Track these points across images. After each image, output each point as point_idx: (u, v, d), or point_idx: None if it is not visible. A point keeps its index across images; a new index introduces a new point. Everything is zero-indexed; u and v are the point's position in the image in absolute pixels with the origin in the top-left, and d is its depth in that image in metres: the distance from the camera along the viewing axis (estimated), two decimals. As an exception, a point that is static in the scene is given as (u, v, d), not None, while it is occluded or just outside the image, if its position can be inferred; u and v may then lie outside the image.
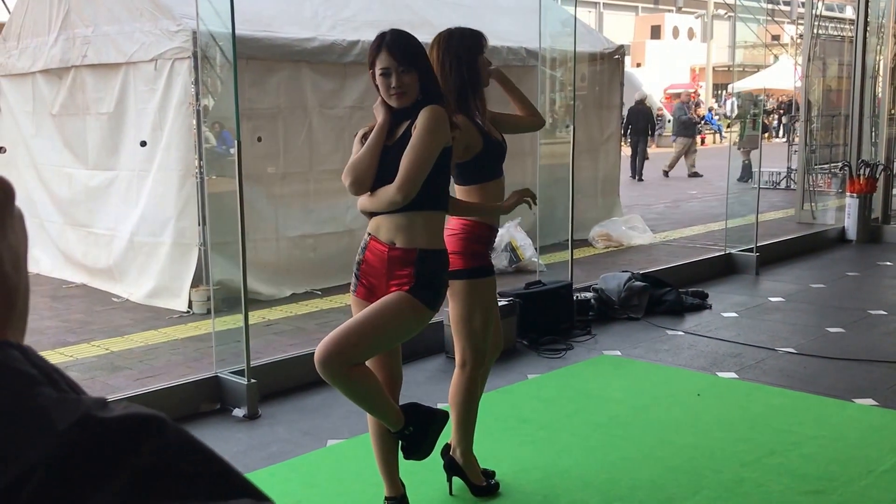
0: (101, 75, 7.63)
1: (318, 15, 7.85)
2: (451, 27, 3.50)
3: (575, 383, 5.30)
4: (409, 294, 2.97)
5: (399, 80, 2.98)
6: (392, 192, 2.95)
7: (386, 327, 2.98)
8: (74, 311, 7.15)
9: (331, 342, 2.89)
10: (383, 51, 2.99)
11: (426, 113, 2.97)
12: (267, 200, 7.41)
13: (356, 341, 2.93)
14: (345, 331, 2.92)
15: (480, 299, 3.46)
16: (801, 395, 4.96)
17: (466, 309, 3.48)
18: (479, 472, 3.72)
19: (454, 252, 3.44)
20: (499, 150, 3.51)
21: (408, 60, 2.98)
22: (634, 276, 6.93)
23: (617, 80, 10.43)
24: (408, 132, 3.00)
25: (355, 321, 2.96)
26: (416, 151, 2.94)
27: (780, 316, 6.79)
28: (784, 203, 13.26)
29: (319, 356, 2.89)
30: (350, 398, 3.06)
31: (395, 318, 2.98)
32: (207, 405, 4.78)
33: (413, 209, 2.99)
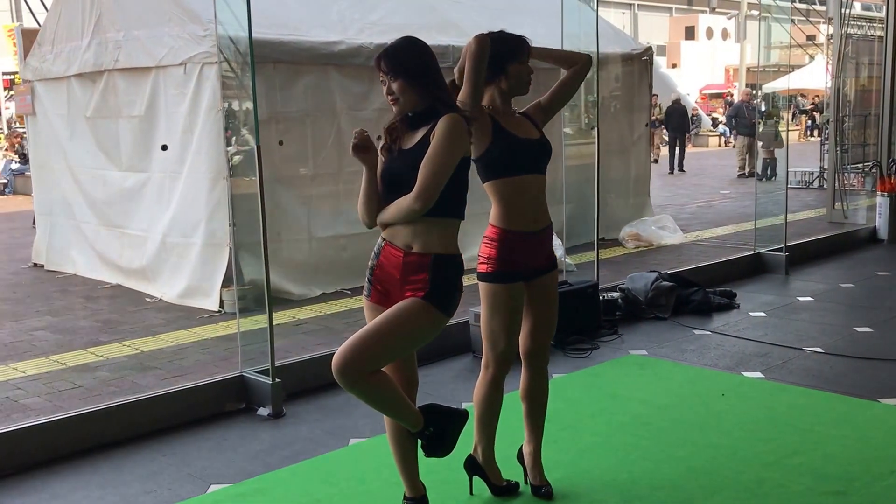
0: (133, 79, 7.76)
1: (346, 18, 7.92)
2: (496, 31, 3.49)
3: (600, 383, 5.30)
4: (424, 300, 2.99)
5: (388, 88, 3.04)
6: (411, 201, 2.97)
7: (401, 334, 2.98)
8: (108, 311, 7.28)
9: (347, 350, 2.91)
10: (376, 61, 3.07)
11: (445, 122, 2.99)
12: (298, 201, 7.50)
13: (372, 349, 2.94)
14: (361, 339, 2.94)
15: (496, 302, 3.47)
16: (827, 395, 4.93)
17: (486, 311, 3.51)
18: (499, 472, 3.73)
19: (485, 257, 3.49)
20: (518, 146, 3.44)
21: (392, 69, 3.01)
22: (662, 276, 6.93)
23: (646, 81, 10.41)
24: (426, 139, 3.01)
25: (371, 329, 2.98)
26: (434, 161, 2.96)
27: (809, 315, 6.74)
28: (816, 202, 13.14)
29: (337, 365, 2.90)
30: (368, 403, 3.08)
31: (411, 325, 2.99)
32: (232, 404, 4.85)
33: (430, 216, 3.01)
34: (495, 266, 3.48)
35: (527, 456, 3.81)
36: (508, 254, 3.46)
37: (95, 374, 5.54)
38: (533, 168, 3.49)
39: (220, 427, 4.64)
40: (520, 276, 3.51)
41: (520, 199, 3.46)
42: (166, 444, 4.43)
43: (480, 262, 3.52)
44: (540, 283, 3.58)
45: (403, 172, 3.02)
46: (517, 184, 3.46)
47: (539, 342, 3.67)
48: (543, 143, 3.54)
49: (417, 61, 3.05)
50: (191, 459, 4.24)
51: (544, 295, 3.61)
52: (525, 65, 3.46)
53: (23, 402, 5.07)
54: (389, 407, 3.08)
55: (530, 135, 3.50)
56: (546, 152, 3.55)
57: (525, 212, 3.47)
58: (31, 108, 9.14)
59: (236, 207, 5.80)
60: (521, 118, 3.56)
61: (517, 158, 3.45)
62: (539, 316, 3.62)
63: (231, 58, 5.88)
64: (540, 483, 3.76)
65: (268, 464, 4.16)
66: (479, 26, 9.40)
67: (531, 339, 3.66)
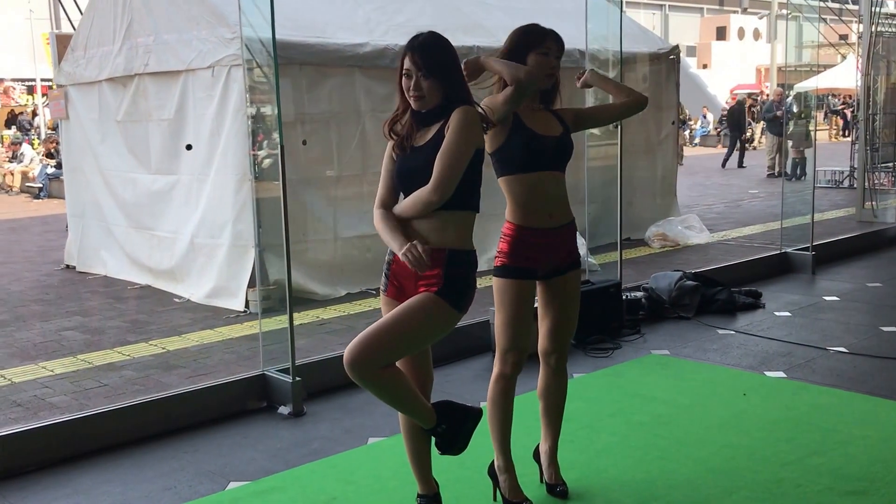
0: (162, 83, 7.87)
1: (371, 21, 7.96)
2: (527, 24, 3.51)
3: (620, 382, 5.30)
4: (436, 296, 2.99)
5: (417, 84, 3.02)
6: (428, 194, 2.98)
7: (413, 329, 2.99)
8: (136, 311, 7.38)
9: (359, 344, 2.91)
10: (409, 53, 3.04)
11: (459, 114, 3.00)
12: (324, 202, 7.56)
13: (384, 343, 2.94)
14: (373, 333, 2.94)
15: (503, 298, 3.45)
16: (850, 395, 4.90)
17: (495, 307, 3.51)
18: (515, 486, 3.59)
19: (498, 251, 3.48)
20: (536, 143, 3.41)
21: (429, 67, 3.01)
22: (686, 276, 6.90)
23: (672, 81, 10.37)
24: (440, 134, 3.03)
25: (383, 323, 2.98)
26: (450, 152, 2.97)
27: (834, 315, 6.69)
28: (845, 202, 13.02)
29: (348, 358, 2.91)
30: (380, 398, 3.09)
31: (423, 320, 2.99)
32: (254, 403, 4.90)
33: (446, 209, 3.02)
34: (505, 261, 3.46)
35: (542, 454, 3.79)
36: (521, 249, 3.43)
37: (121, 373, 5.62)
38: (550, 165, 3.46)
39: (240, 425, 4.69)
40: (533, 275, 3.48)
41: (535, 195, 3.43)
42: (188, 441, 4.49)
43: (496, 257, 3.51)
44: (560, 281, 3.53)
45: (420, 169, 3.03)
46: (532, 180, 3.42)
47: (557, 342, 3.62)
48: (564, 141, 3.50)
49: (451, 61, 3.07)
50: (211, 457, 4.30)
51: (564, 294, 3.55)
52: (546, 57, 3.44)
53: (50, 400, 5.15)
54: (400, 402, 3.10)
55: (551, 132, 3.47)
56: (566, 150, 3.51)
57: (540, 208, 3.43)
58: (64, 112, 9.29)
59: (262, 209, 5.85)
60: (547, 114, 3.54)
61: (534, 155, 3.41)
62: (558, 315, 3.58)
63: (258, 60, 5.94)
64: (555, 482, 3.74)
65: (287, 461, 4.21)
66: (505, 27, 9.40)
67: (549, 339, 3.62)
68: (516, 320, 3.46)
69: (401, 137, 3.12)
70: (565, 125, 3.55)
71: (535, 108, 3.50)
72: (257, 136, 6.79)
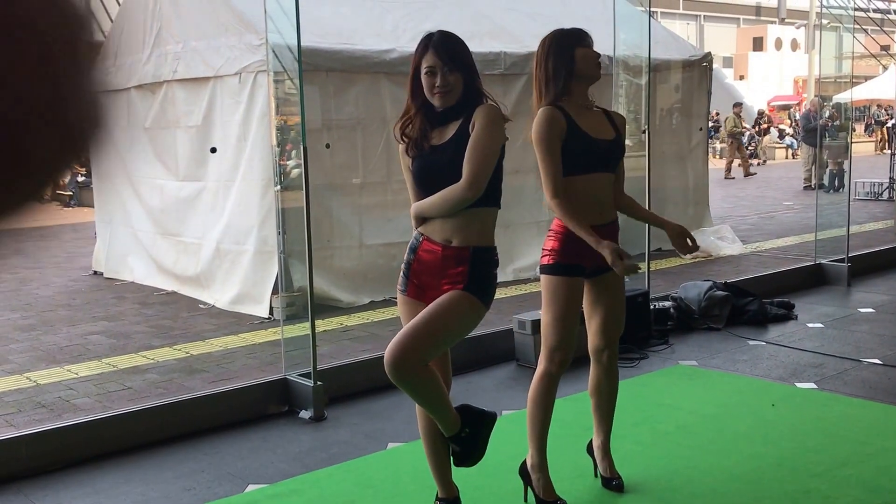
0: (191, 89, 7.90)
1: (399, 27, 7.95)
2: (557, 28, 3.52)
3: (645, 392, 5.20)
4: (466, 292, 3.00)
5: (444, 80, 3.00)
6: (462, 191, 2.96)
7: (449, 325, 3.00)
8: (162, 316, 7.40)
9: (399, 344, 2.91)
10: (430, 51, 3.03)
11: (485, 110, 3.01)
12: (349, 209, 7.54)
13: (424, 341, 2.95)
14: (411, 332, 2.94)
15: (553, 295, 3.43)
16: (883, 407, 4.77)
17: (543, 304, 3.49)
18: (549, 485, 3.59)
19: (548, 249, 3.47)
20: (590, 146, 3.41)
21: (453, 60, 3.02)
22: (716, 286, 6.78)
23: (704, 88, 10.25)
24: (462, 132, 3.01)
25: (419, 322, 2.97)
26: (482, 148, 2.96)
27: (869, 327, 6.54)
28: (884, 214, 12.80)
29: (389, 358, 2.90)
30: (417, 399, 3.07)
31: (457, 317, 3.00)
32: (275, 407, 4.87)
33: (471, 206, 3.01)
34: (556, 258, 3.45)
35: (596, 449, 3.81)
36: (571, 246, 3.42)
37: (145, 377, 5.62)
38: (604, 167, 3.48)
39: (261, 429, 4.67)
40: (581, 272, 3.47)
41: (587, 194, 3.43)
42: (209, 443, 4.47)
43: (543, 255, 3.51)
44: (605, 279, 3.53)
45: (443, 167, 3.01)
46: (586, 181, 3.43)
47: (607, 339, 3.65)
48: (618, 144, 3.53)
49: (469, 54, 3.10)
50: (231, 459, 4.27)
51: (611, 290, 3.58)
52: (591, 49, 3.44)
53: (74, 402, 5.16)
54: (436, 403, 3.06)
55: (605, 135, 3.47)
56: (619, 153, 3.56)
57: (591, 206, 3.43)
58: (94, 119, 9.35)
59: (286, 215, 5.84)
60: (600, 114, 3.54)
61: (590, 158, 3.43)
62: (606, 313, 3.60)
63: (284, 66, 5.95)
64: (611, 475, 3.77)
65: (306, 465, 4.17)
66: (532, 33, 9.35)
67: (599, 336, 3.65)
68: (566, 318, 3.46)
69: (414, 139, 3.10)
70: (617, 128, 3.55)
71: (588, 106, 3.49)
72: (286, 146, 6.80)
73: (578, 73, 3.41)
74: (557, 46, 3.41)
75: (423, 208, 3.08)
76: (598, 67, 3.48)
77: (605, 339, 3.64)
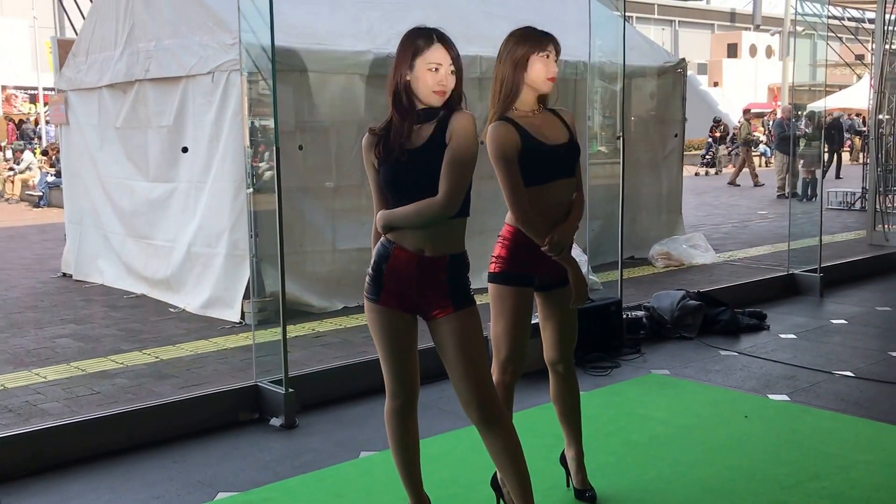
0: (163, 89, 7.80)
1: (374, 28, 7.89)
2: (523, 27, 3.44)
3: (618, 402, 5.19)
4: (463, 311, 3.01)
5: (447, 80, 2.93)
6: (441, 207, 2.91)
7: (481, 349, 3.06)
8: (131, 320, 7.30)
9: (481, 394, 3.01)
10: (438, 45, 2.93)
11: (464, 121, 2.93)
12: (322, 213, 7.46)
13: (487, 378, 3.06)
14: (478, 377, 3.01)
15: (501, 305, 3.39)
16: (854, 420, 4.78)
17: (492, 315, 3.44)
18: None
19: (495, 256, 3.41)
20: (548, 154, 3.34)
21: (458, 62, 2.96)
22: (689, 295, 6.79)
23: (679, 95, 10.27)
24: (437, 138, 2.93)
25: (472, 361, 3.01)
26: (462, 163, 2.90)
27: (841, 338, 6.57)
28: (857, 224, 12.89)
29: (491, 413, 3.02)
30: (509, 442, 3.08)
31: (479, 336, 3.06)
32: (246, 414, 4.81)
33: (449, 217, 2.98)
34: (504, 266, 3.39)
35: (570, 460, 3.79)
36: (521, 255, 3.37)
37: (114, 381, 5.54)
38: (563, 173, 3.40)
39: (232, 436, 4.61)
40: (531, 282, 3.42)
41: (545, 203, 3.35)
42: (178, 450, 4.41)
43: (491, 262, 3.44)
44: (557, 293, 3.49)
45: (418, 173, 2.94)
46: (549, 189, 3.36)
47: (560, 353, 3.62)
48: (572, 146, 3.44)
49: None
50: (201, 467, 4.21)
51: (562, 306, 3.51)
52: (549, 59, 3.37)
53: (41, 406, 5.08)
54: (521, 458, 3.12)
55: (559, 138, 3.40)
56: (575, 155, 3.45)
57: (555, 214, 3.37)
58: (64, 118, 9.24)
59: (258, 218, 5.78)
60: (551, 117, 3.45)
61: (550, 167, 3.36)
62: (559, 327, 3.56)
63: (257, 65, 5.87)
64: (584, 487, 3.75)
65: (277, 473, 4.12)
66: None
67: (552, 350, 3.61)
68: (516, 329, 3.42)
69: (393, 143, 2.98)
70: (568, 127, 3.47)
71: (536, 113, 3.40)
72: (258, 147, 6.72)
73: (530, 84, 3.35)
74: (515, 51, 3.34)
75: (395, 219, 2.99)
76: (550, 84, 3.39)
77: (558, 354, 3.61)
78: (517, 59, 3.33)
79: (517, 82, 3.34)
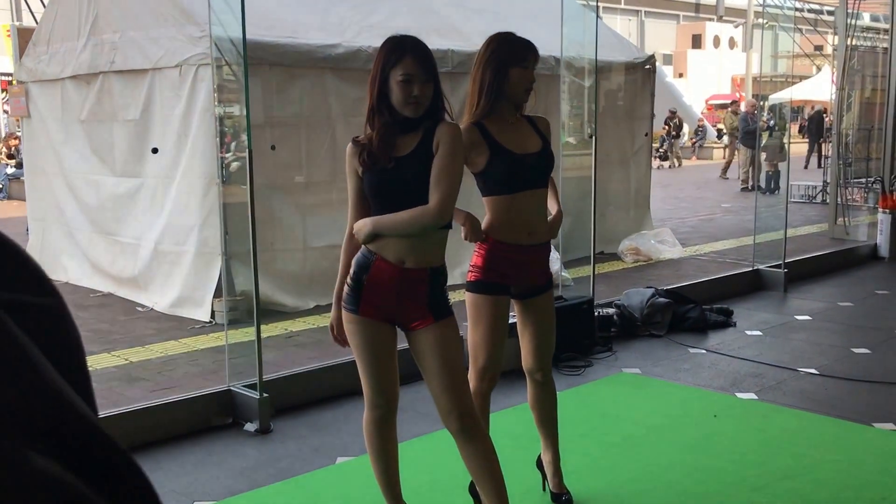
0: (128, 81, 7.67)
1: (345, 21, 7.83)
2: (505, 32, 3.44)
3: (591, 402, 5.24)
4: (442, 322, 3.03)
5: (421, 90, 2.90)
6: (433, 216, 2.91)
7: (459, 359, 3.11)
8: (99, 320, 7.21)
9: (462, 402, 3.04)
10: (408, 57, 2.90)
11: (452, 131, 2.94)
12: (293, 210, 7.42)
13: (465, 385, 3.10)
14: (456, 385, 3.04)
15: (478, 314, 3.41)
16: (820, 418, 4.87)
17: (469, 323, 3.46)
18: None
19: (472, 265, 3.43)
20: (516, 164, 3.34)
21: (430, 71, 2.93)
22: (658, 293, 6.86)
23: (648, 91, 10.33)
24: (424, 148, 2.93)
25: (453, 372, 3.04)
26: (451, 172, 2.92)
27: (805, 335, 6.68)
28: (819, 217, 13.07)
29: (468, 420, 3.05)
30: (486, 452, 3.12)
31: (458, 346, 3.10)
32: (220, 419, 4.79)
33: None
34: (480, 275, 3.41)
35: (546, 465, 3.83)
36: (495, 265, 3.39)
37: (83, 384, 5.48)
38: (533, 184, 3.41)
39: (206, 442, 4.58)
40: (507, 291, 3.45)
41: (517, 213, 3.38)
42: (151, 458, 4.36)
43: (469, 271, 3.47)
44: (536, 302, 3.53)
45: (406, 183, 2.94)
46: (516, 199, 3.37)
47: (538, 361, 3.64)
48: (544, 156, 3.43)
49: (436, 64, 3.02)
50: (175, 475, 4.19)
51: (540, 315, 3.55)
52: (528, 70, 3.37)
53: (8, 411, 5.01)
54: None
55: (531, 147, 3.40)
56: (547, 165, 3.46)
57: (520, 225, 3.39)
58: (25, 110, 9.07)
59: (229, 215, 5.73)
60: (524, 124, 3.45)
61: (516, 177, 3.36)
62: (537, 335, 3.59)
63: (227, 59, 5.82)
64: (560, 491, 3.79)
65: (253, 481, 4.11)
66: (480, 30, 9.27)
67: (531, 358, 3.64)
68: (493, 337, 3.44)
69: (377, 153, 2.96)
70: (543, 136, 3.48)
71: (510, 122, 3.41)
72: (225, 138, 6.66)
73: (508, 95, 3.37)
74: (496, 60, 3.33)
75: (383, 226, 2.97)
76: (528, 94, 3.41)
77: (536, 362, 3.64)
78: (496, 67, 3.33)
79: (494, 90, 3.34)
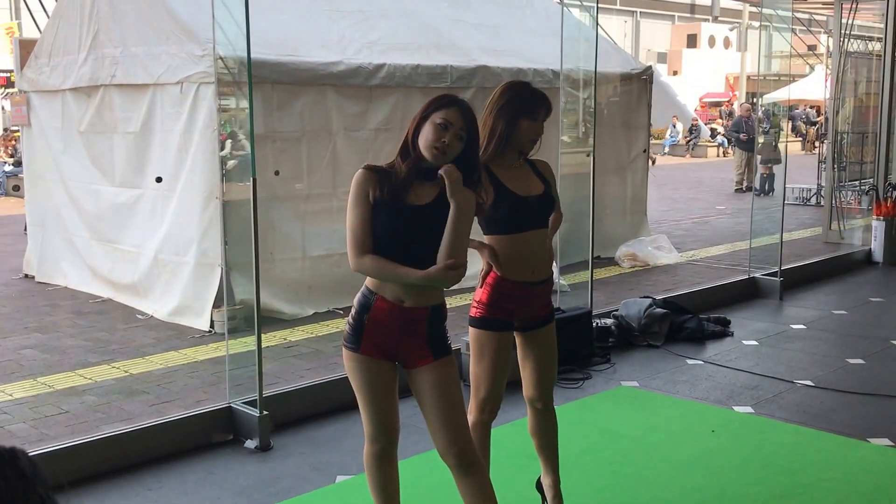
0: (129, 95, 7.73)
1: (345, 38, 7.88)
2: (520, 83, 3.54)
3: (590, 417, 5.28)
4: (442, 360, 3.06)
5: (451, 141, 2.95)
6: (452, 274, 2.94)
7: (458, 396, 3.12)
8: (98, 328, 7.24)
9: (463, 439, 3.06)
10: (455, 108, 2.97)
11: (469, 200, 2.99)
12: (292, 219, 7.46)
13: (465, 424, 3.12)
14: (456, 423, 3.06)
15: (482, 349, 3.45)
16: (815, 433, 4.92)
17: (472, 356, 3.50)
18: None
19: (476, 301, 3.47)
20: (520, 206, 3.41)
21: (468, 131, 2.98)
22: (655, 303, 6.90)
23: (644, 101, 10.38)
24: (442, 199, 2.97)
25: (452, 409, 3.05)
26: (463, 238, 2.99)
27: (801, 345, 6.73)
28: (813, 220, 13.12)
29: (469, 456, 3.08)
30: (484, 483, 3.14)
31: (457, 384, 3.12)
32: (220, 436, 4.82)
33: None
34: (485, 312, 3.46)
35: (546, 488, 3.85)
36: (501, 301, 3.44)
37: (83, 399, 5.51)
38: (535, 224, 3.47)
39: (206, 459, 4.61)
40: (510, 326, 3.50)
41: (520, 253, 3.44)
42: (153, 476, 4.40)
43: (472, 307, 3.51)
44: (539, 334, 3.58)
45: (425, 229, 2.97)
46: (519, 239, 3.44)
47: (539, 391, 3.67)
48: (546, 198, 3.50)
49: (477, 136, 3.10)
50: (176, 494, 4.21)
51: (542, 346, 3.61)
52: (537, 123, 3.44)
53: (9, 427, 5.03)
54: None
55: (532, 190, 3.46)
56: (549, 207, 3.53)
57: (524, 264, 3.45)
58: (26, 119, 9.12)
59: (229, 227, 5.76)
60: (526, 169, 3.52)
61: (519, 218, 3.43)
62: (538, 366, 3.63)
63: (232, 77, 5.86)
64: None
65: (254, 500, 4.13)
66: (480, 47, 9.29)
67: (531, 388, 3.67)
68: (496, 371, 3.49)
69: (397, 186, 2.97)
70: (545, 180, 3.54)
71: (514, 165, 3.47)
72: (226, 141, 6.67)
73: (515, 143, 3.43)
74: (508, 111, 3.39)
75: (398, 276, 2.96)
76: (534, 144, 3.48)
77: (537, 392, 3.67)
78: (508, 118, 3.40)
79: (504, 139, 3.41)
